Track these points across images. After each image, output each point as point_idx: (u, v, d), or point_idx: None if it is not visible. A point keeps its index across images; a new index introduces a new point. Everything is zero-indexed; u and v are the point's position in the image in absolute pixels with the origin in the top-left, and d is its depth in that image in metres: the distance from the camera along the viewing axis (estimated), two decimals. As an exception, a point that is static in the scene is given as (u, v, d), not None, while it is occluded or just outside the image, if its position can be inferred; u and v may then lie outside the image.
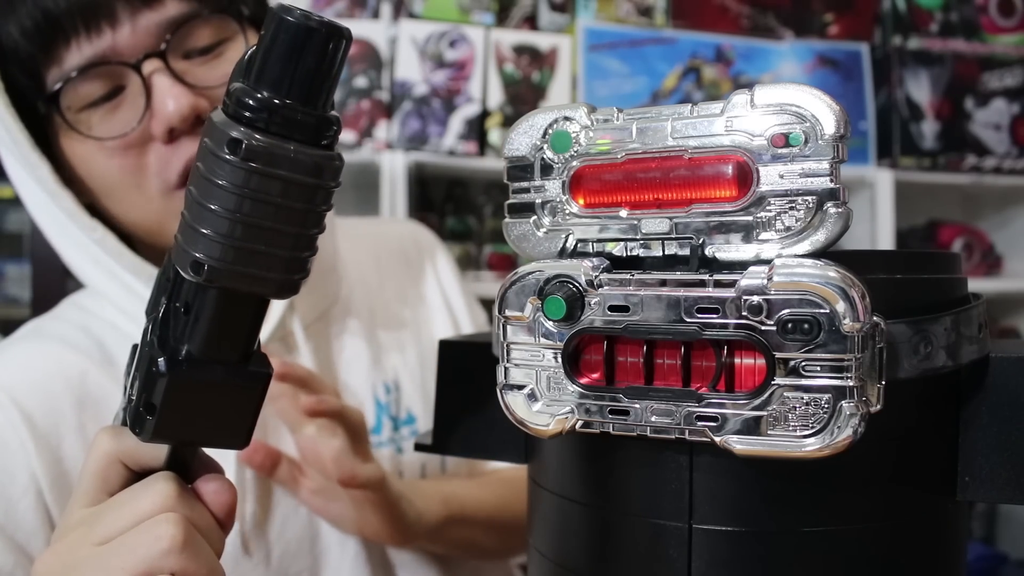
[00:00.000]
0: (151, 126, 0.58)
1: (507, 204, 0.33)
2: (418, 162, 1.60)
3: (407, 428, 0.73)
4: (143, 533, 0.37)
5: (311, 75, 0.32)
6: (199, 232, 0.32)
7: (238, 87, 0.32)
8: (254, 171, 0.31)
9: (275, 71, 0.31)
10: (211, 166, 0.32)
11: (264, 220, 0.32)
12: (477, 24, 1.74)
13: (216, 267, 0.32)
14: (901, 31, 1.90)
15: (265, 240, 0.33)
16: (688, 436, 0.29)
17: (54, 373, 0.61)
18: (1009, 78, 1.88)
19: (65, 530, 0.40)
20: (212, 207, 0.32)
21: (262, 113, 0.31)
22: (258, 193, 0.32)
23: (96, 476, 0.40)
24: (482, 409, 0.43)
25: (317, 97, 0.32)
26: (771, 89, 0.28)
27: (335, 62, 0.32)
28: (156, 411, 0.36)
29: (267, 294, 0.35)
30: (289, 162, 0.32)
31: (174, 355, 0.36)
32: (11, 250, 1.85)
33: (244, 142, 0.31)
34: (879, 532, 0.32)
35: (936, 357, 0.31)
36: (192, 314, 0.35)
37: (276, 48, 0.31)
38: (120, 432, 0.40)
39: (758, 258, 0.28)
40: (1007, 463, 0.33)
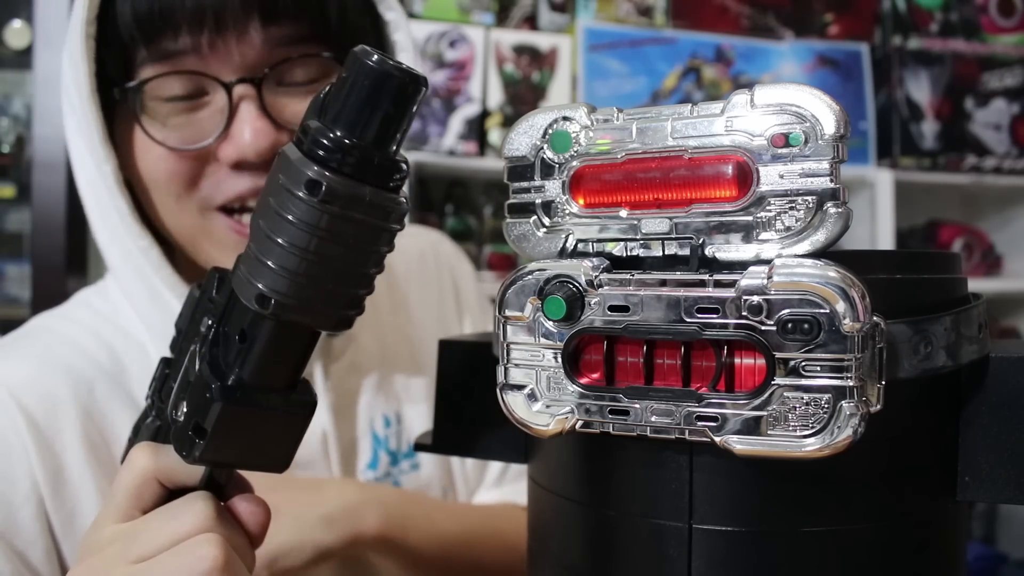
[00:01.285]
0: (221, 148, 0.57)
1: (507, 204, 0.33)
2: (418, 162, 1.60)
3: (407, 462, 0.72)
4: (184, 553, 0.37)
5: (386, 119, 0.33)
6: (266, 265, 0.33)
7: (315, 126, 0.32)
8: (329, 212, 0.32)
9: (352, 113, 0.32)
10: (284, 202, 0.32)
11: (331, 259, 0.33)
12: (477, 24, 1.74)
13: (281, 302, 0.33)
14: (901, 31, 1.90)
15: (330, 278, 0.34)
16: (688, 436, 0.29)
17: (61, 379, 0.60)
18: (1009, 78, 1.88)
19: (97, 545, 0.39)
20: (281, 242, 0.32)
21: (338, 154, 0.32)
22: (330, 233, 0.32)
23: (131, 492, 0.39)
24: (482, 409, 0.43)
25: (391, 141, 0.33)
26: (771, 89, 0.28)
27: (410, 108, 0.33)
28: (206, 436, 0.36)
29: (325, 328, 0.36)
30: (363, 205, 0.33)
31: (226, 380, 0.36)
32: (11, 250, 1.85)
33: (324, 184, 0.31)
34: (879, 532, 0.32)
35: (936, 357, 0.31)
36: (248, 343, 0.36)
37: (355, 90, 0.32)
38: (157, 450, 0.40)
39: (758, 258, 0.28)
40: (1007, 463, 0.33)
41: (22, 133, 1.76)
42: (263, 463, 0.39)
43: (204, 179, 0.58)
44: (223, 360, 0.37)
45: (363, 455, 0.69)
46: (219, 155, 0.57)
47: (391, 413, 0.72)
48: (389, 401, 0.72)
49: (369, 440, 0.70)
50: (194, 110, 0.58)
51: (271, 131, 0.57)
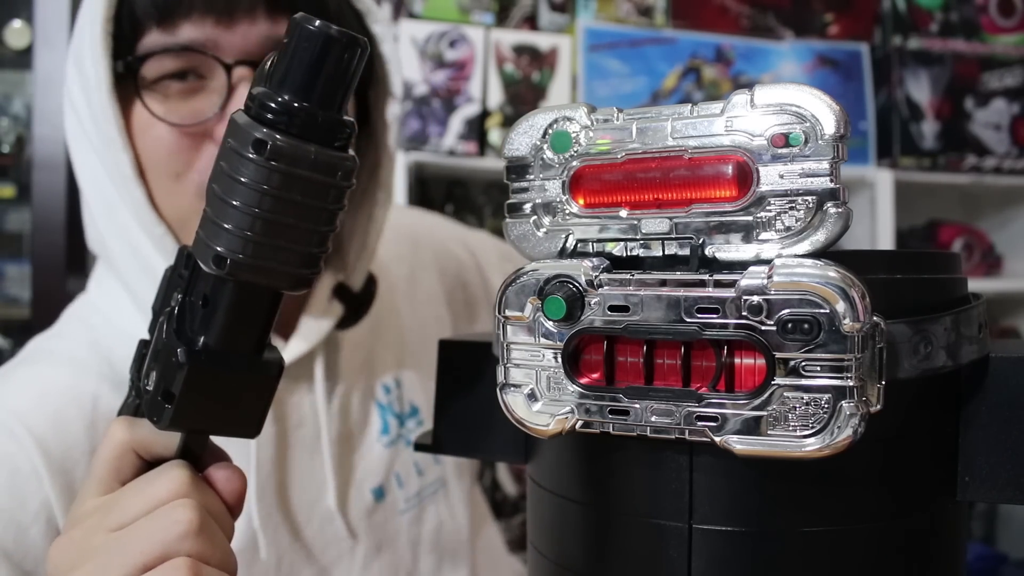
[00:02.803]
0: (217, 127, 0.59)
1: (507, 204, 0.33)
2: (418, 162, 1.60)
3: (412, 420, 0.74)
4: (160, 518, 0.37)
5: (329, 81, 0.34)
6: (221, 227, 0.34)
7: (261, 91, 0.34)
8: (277, 170, 0.33)
9: (296, 77, 0.33)
10: (235, 165, 0.33)
11: (283, 217, 0.34)
12: (477, 24, 1.74)
13: (237, 261, 0.34)
14: (901, 31, 1.90)
15: (284, 236, 0.35)
16: (688, 436, 0.29)
17: (66, 398, 0.61)
18: (1009, 78, 1.88)
19: (78, 518, 0.40)
20: (235, 203, 0.34)
21: (284, 116, 0.33)
22: (279, 191, 0.33)
23: (109, 465, 0.40)
24: (482, 409, 0.43)
25: (334, 101, 0.34)
26: (771, 89, 0.28)
27: (352, 69, 0.34)
28: (174, 399, 0.37)
29: (283, 288, 0.37)
30: (309, 162, 0.34)
31: (192, 346, 0.37)
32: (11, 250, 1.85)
33: (269, 142, 0.33)
34: (879, 532, 0.32)
35: (936, 357, 0.31)
36: (210, 307, 0.37)
37: (298, 55, 0.33)
38: (134, 422, 0.41)
39: (758, 258, 0.28)
40: (1007, 463, 0.33)
41: (22, 133, 1.76)
42: (234, 428, 0.40)
43: (201, 159, 0.59)
44: (189, 327, 0.38)
45: (375, 424, 0.72)
46: (215, 135, 0.59)
47: (389, 380, 0.74)
48: (385, 369, 0.74)
49: (376, 409, 0.73)
50: (193, 92, 0.59)
51: None
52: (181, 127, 0.59)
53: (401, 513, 0.71)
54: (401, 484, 0.72)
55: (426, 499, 0.73)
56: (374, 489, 0.70)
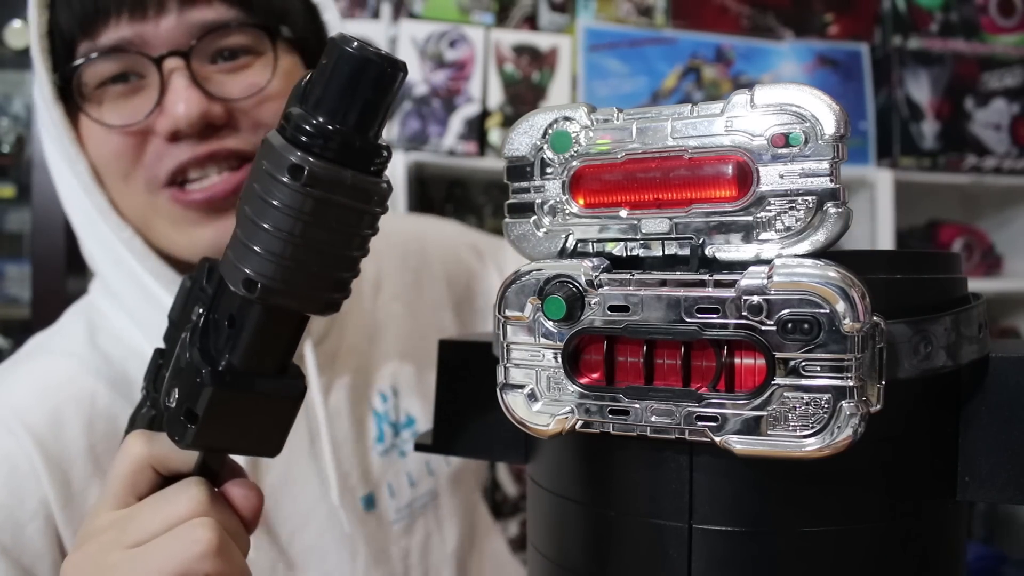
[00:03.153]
0: (157, 122, 0.59)
1: (507, 204, 0.33)
2: (418, 162, 1.60)
3: (407, 431, 0.74)
4: (179, 537, 0.37)
5: (367, 104, 0.33)
6: (252, 250, 0.34)
7: (297, 112, 0.33)
8: (312, 196, 0.33)
9: (333, 99, 0.33)
10: (268, 187, 0.33)
11: (316, 242, 0.34)
12: (477, 24, 1.74)
13: (268, 285, 0.34)
14: (901, 31, 1.90)
15: (315, 261, 0.34)
16: (688, 436, 0.29)
17: (64, 395, 0.61)
18: (1009, 78, 1.88)
19: (93, 532, 0.40)
20: (266, 226, 0.33)
21: (319, 139, 0.33)
22: (313, 216, 0.33)
23: (126, 480, 0.40)
24: (482, 409, 0.43)
25: (371, 125, 0.34)
26: (771, 89, 0.28)
27: (390, 93, 0.34)
28: (198, 420, 0.37)
29: (312, 312, 0.36)
30: (345, 188, 0.33)
31: (216, 365, 0.37)
32: (11, 250, 1.85)
33: (305, 168, 0.32)
34: (879, 532, 0.32)
35: (936, 357, 0.31)
36: (236, 328, 0.37)
37: (335, 77, 0.33)
38: (151, 437, 0.40)
39: (758, 258, 0.28)
40: (1007, 463, 0.33)
41: (22, 133, 1.76)
42: (255, 447, 0.40)
43: (146, 155, 0.60)
44: (213, 346, 0.38)
45: (370, 432, 0.71)
46: (156, 129, 0.59)
47: (386, 388, 0.74)
48: (383, 377, 0.74)
49: (372, 417, 0.72)
50: (132, 92, 0.59)
51: (202, 100, 0.58)
52: (120, 128, 0.59)
53: (392, 524, 0.71)
54: (393, 494, 0.71)
55: (416, 512, 0.72)
56: (364, 497, 0.69)
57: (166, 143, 0.59)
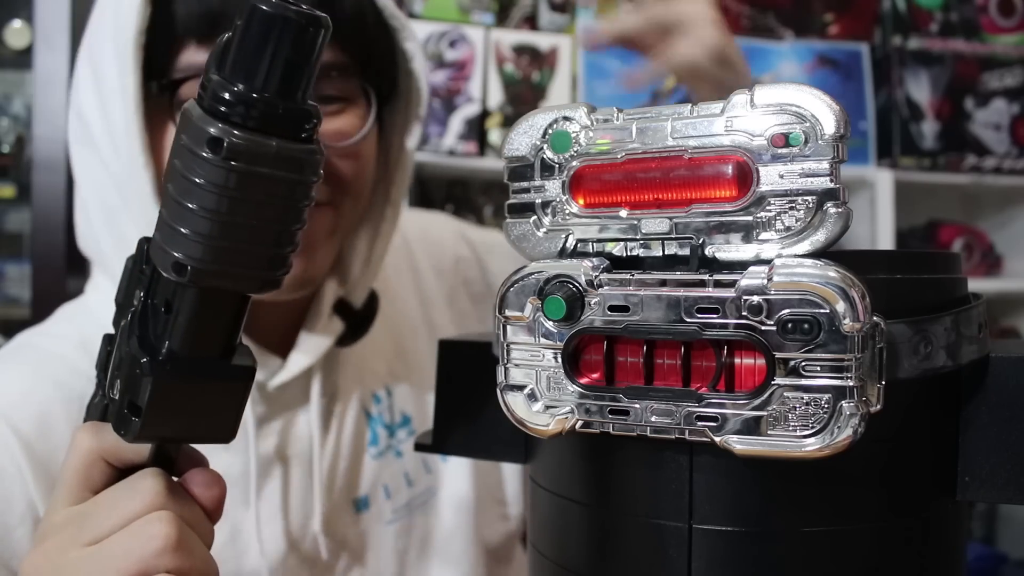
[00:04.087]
0: None
1: (507, 204, 0.33)
2: (418, 162, 1.60)
3: (403, 431, 0.73)
4: (136, 533, 0.36)
5: (289, 66, 0.30)
6: (179, 232, 0.31)
7: (215, 80, 0.30)
8: (235, 170, 0.30)
9: (251, 62, 0.30)
10: (189, 164, 0.31)
11: (245, 218, 0.31)
12: (477, 24, 1.74)
13: (199, 268, 0.32)
14: (901, 31, 1.90)
15: (247, 238, 0.32)
16: (688, 436, 0.29)
17: (52, 396, 0.59)
18: (1009, 78, 1.88)
19: (50, 529, 0.39)
20: (191, 206, 0.31)
21: (239, 107, 0.30)
22: (239, 192, 0.31)
23: (78, 474, 0.39)
24: (482, 409, 0.43)
25: (296, 89, 0.31)
26: (771, 89, 0.28)
27: (313, 52, 0.31)
28: (141, 412, 0.35)
29: (250, 291, 0.35)
30: (271, 159, 0.31)
31: (156, 354, 0.35)
32: (11, 250, 1.85)
33: (225, 140, 0.30)
34: (879, 532, 0.32)
35: (936, 357, 0.31)
36: (173, 312, 0.35)
37: (252, 38, 0.30)
38: (101, 429, 0.39)
39: (758, 258, 0.28)
40: (1007, 463, 0.33)
41: (22, 133, 1.76)
42: (207, 434, 0.38)
43: None
44: (153, 333, 0.35)
45: (364, 435, 0.71)
46: None
47: (380, 390, 0.73)
48: (377, 379, 0.73)
49: (364, 421, 0.72)
50: None
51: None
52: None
53: (387, 524, 0.70)
54: (389, 495, 0.71)
55: (415, 509, 0.72)
56: (356, 500, 0.69)
57: None
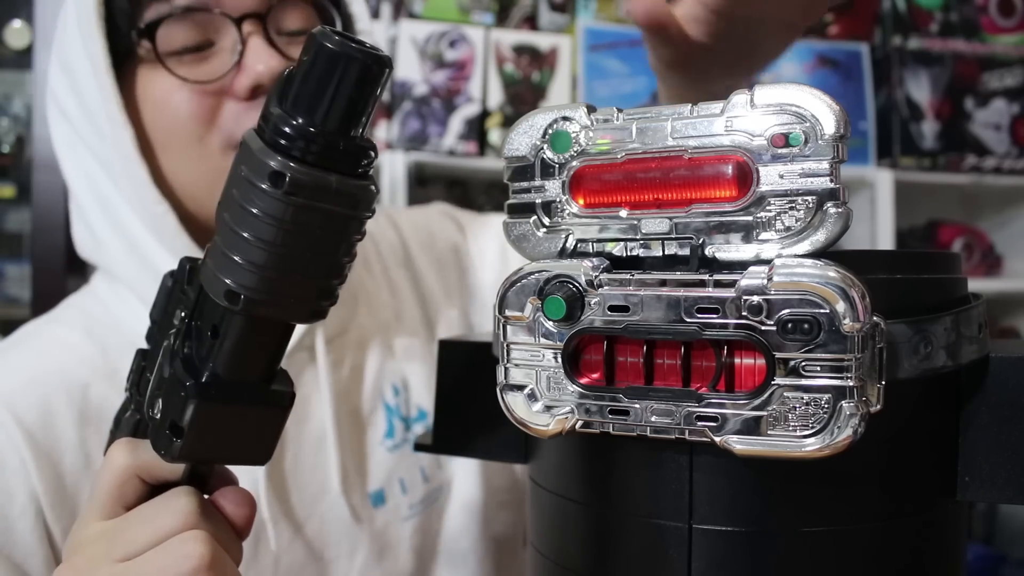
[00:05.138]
0: (236, 81, 0.59)
1: (507, 204, 0.33)
2: (418, 162, 1.60)
3: (419, 425, 0.73)
4: (170, 552, 0.36)
5: (350, 103, 0.31)
6: (233, 260, 0.32)
7: (277, 113, 0.31)
8: (294, 204, 0.31)
9: (315, 98, 0.31)
10: (248, 195, 0.31)
11: (300, 251, 0.32)
12: (477, 24, 1.74)
13: (251, 297, 0.32)
14: (901, 31, 1.90)
15: (300, 270, 0.33)
16: (688, 436, 0.29)
17: (55, 386, 0.60)
18: (1009, 78, 1.88)
19: (81, 544, 0.39)
20: (247, 236, 0.31)
21: (300, 141, 0.31)
22: (297, 225, 0.31)
23: (112, 490, 0.39)
24: (482, 409, 0.43)
25: (355, 125, 0.32)
26: (771, 89, 0.28)
27: (375, 90, 0.32)
28: (183, 434, 0.35)
29: (298, 321, 0.35)
30: (330, 194, 0.31)
31: (200, 377, 0.35)
32: (11, 250, 1.85)
33: (287, 175, 0.30)
34: (879, 532, 0.32)
35: (936, 357, 0.31)
36: (220, 338, 0.35)
37: (316, 74, 0.31)
38: (137, 446, 0.39)
39: (758, 258, 0.28)
40: (1007, 463, 0.33)
41: (22, 133, 1.76)
42: (244, 457, 0.39)
43: (222, 116, 0.60)
44: (196, 355, 0.36)
45: (379, 426, 0.71)
46: (234, 88, 0.59)
47: (398, 381, 0.73)
48: (395, 370, 0.73)
49: (382, 411, 0.71)
50: (205, 59, 0.60)
51: (280, 59, 0.59)
52: (200, 84, 0.59)
53: (404, 520, 0.70)
54: (405, 490, 0.70)
55: (430, 506, 0.72)
56: (373, 493, 0.69)
57: (242, 103, 0.60)
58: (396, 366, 0.74)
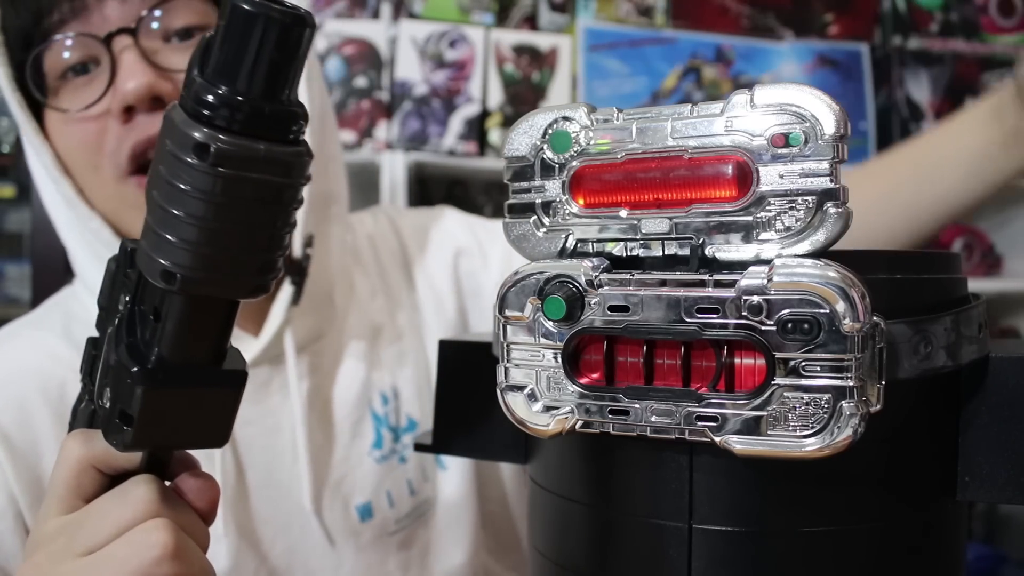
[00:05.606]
0: (112, 103, 0.58)
1: (507, 204, 0.33)
2: (418, 162, 1.60)
3: (408, 435, 0.72)
4: (133, 542, 0.36)
5: (274, 67, 0.30)
6: (165, 239, 0.31)
7: (198, 82, 0.30)
8: (223, 175, 0.30)
9: (235, 65, 0.29)
10: (174, 170, 0.30)
11: (234, 224, 0.31)
12: (477, 24, 1.74)
13: (188, 276, 0.31)
14: (901, 31, 1.90)
15: (236, 244, 0.31)
16: (688, 436, 0.29)
17: (30, 385, 0.59)
18: (1009, 78, 1.88)
19: (41, 540, 0.38)
20: (177, 213, 0.30)
21: (224, 110, 0.29)
22: (228, 197, 0.30)
23: (69, 483, 0.38)
24: (482, 409, 0.43)
25: (281, 89, 0.30)
26: (771, 89, 0.28)
27: (299, 51, 0.30)
28: (133, 422, 0.34)
29: (240, 297, 0.34)
30: (259, 163, 0.30)
31: (146, 362, 0.34)
32: (11, 250, 1.85)
33: (212, 146, 0.29)
34: (879, 532, 0.32)
35: (936, 357, 0.31)
36: (162, 320, 0.34)
37: (234, 40, 0.29)
38: (90, 436, 0.39)
39: (758, 258, 0.28)
40: (1007, 463, 0.33)
41: (22, 133, 1.76)
42: (199, 440, 0.38)
43: (108, 142, 0.59)
44: (141, 340, 0.35)
45: (366, 436, 0.69)
46: (113, 111, 0.59)
47: (387, 389, 0.72)
48: (384, 378, 0.72)
49: (370, 420, 0.70)
50: (90, 82, 0.59)
51: (150, 74, 0.57)
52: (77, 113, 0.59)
53: (391, 535, 0.68)
54: (392, 504, 0.69)
55: (416, 520, 0.70)
56: (360, 506, 0.67)
57: (121, 125, 0.58)
58: (386, 373, 0.72)
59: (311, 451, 0.65)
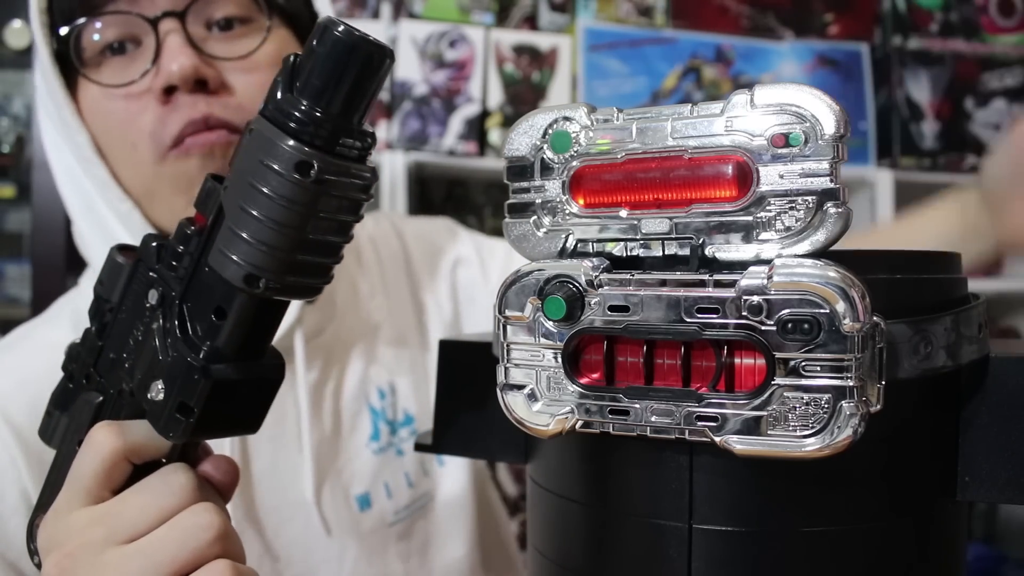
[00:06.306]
0: (154, 83, 0.59)
1: (507, 204, 0.33)
2: (418, 162, 1.60)
3: (405, 429, 0.73)
4: (183, 526, 0.37)
5: (355, 90, 0.33)
6: (250, 243, 0.33)
7: (287, 97, 0.33)
8: (321, 192, 0.33)
9: (322, 84, 0.32)
10: (269, 180, 0.32)
11: (316, 234, 0.34)
12: (477, 24, 1.74)
13: (271, 280, 0.34)
14: (901, 31, 1.90)
15: (312, 253, 0.34)
16: (688, 436, 0.29)
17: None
18: (1009, 78, 1.88)
19: (71, 532, 0.38)
20: (267, 221, 0.33)
21: (320, 129, 0.33)
22: (319, 211, 0.33)
23: (99, 475, 0.39)
24: (482, 409, 0.43)
25: (356, 112, 0.34)
26: (771, 89, 0.28)
27: (377, 78, 0.33)
28: (194, 414, 0.36)
29: (303, 299, 0.37)
30: (348, 181, 0.34)
31: (208, 358, 0.36)
32: (11, 250, 1.85)
33: (315, 164, 0.32)
34: (879, 532, 0.32)
35: (936, 357, 0.31)
36: (227, 318, 0.36)
37: (324, 61, 0.32)
38: (124, 428, 0.39)
39: (758, 258, 0.28)
40: (1007, 463, 0.33)
41: (22, 133, 1.76)
42: (238, 428, 0.40)
43: (148, 121, 0.60)
44: (194, 335, 0.37)
45: (364, 429, 0.70)
46: (154, 89, 0.59)
47: (384, 384, 0.73)
48: (382, 374, 0.73)
49: (367, 413, 0.71)
50: (132, 61, 0.60)
51: (195, 58, 0.58)
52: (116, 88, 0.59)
53: (390, 526, 0.69)
54: (390, 495, 0.70)
55: (415, 512, 0.72)
56: (359, 496, 0.68)
57: (162, 105, 0.59)
58: (384, 369, 0.73)
59: (314, 442, 0.66)
